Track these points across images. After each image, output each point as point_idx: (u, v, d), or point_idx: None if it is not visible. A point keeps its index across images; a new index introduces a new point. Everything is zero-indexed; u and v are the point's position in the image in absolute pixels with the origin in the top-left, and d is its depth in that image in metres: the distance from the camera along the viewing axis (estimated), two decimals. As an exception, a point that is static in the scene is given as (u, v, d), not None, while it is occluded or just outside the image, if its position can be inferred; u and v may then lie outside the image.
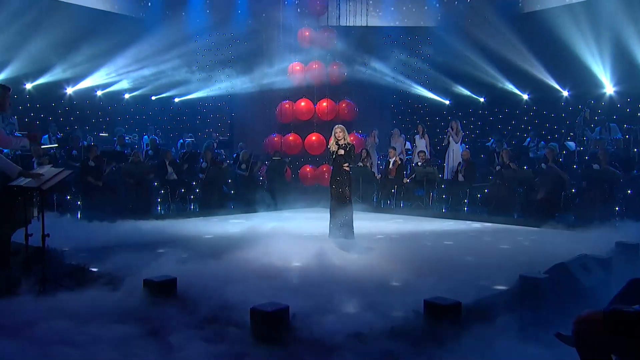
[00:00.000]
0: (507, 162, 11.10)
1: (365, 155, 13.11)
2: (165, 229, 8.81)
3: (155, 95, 16.42)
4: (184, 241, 7.68)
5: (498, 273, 5.74)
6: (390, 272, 5.80)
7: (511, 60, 14.60)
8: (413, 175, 12.25)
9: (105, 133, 15.23)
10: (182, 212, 11.17)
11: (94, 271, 5.56)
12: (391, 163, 12.45)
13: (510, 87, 15.42)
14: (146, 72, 15.36)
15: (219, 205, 11.82)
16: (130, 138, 14.76)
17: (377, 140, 14.36)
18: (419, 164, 12.30)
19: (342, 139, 7.86)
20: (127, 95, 16.08)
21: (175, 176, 11.78)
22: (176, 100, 16.93)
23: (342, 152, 7.78)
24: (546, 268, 4.85)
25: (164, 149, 13.49)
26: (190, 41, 15.47)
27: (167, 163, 11.85)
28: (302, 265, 5.97)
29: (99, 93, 15.55)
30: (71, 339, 3.79)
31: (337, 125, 8.02)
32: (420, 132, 13.53)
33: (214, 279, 5.20)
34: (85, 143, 12.82)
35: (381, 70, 15.50)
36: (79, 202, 10.62)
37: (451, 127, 12.87)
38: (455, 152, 12.65)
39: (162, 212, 11.26)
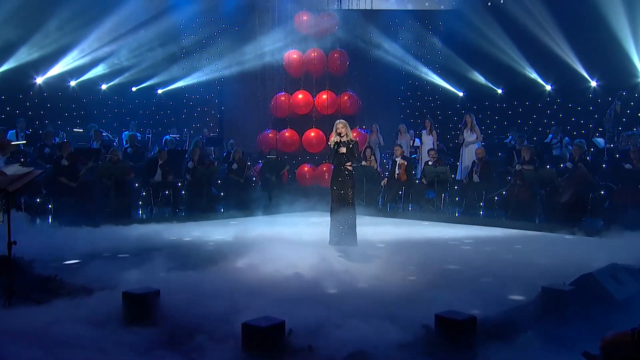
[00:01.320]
0: (528, 161, 11.08)
1: (369, 153, 13.11)
2: (147, 235, 8.78)
3: (136, 86, 16.40)
4: (168, 249, 7.67)
5: (518, 284, 5.72)
6: (397, 283, 5.78)
7: (534, 43, 14.41)
8: (422, 177, 12.23)
9: (80, 128, 15.19)
10: (166, 216, 11.15)
11: (66, 283, 5.53)
12: (397, 164, 12.43)
13: (533, 75, 15.36)
14: (124, 58, 15.33)
15: (208, 208, 11.81)
16: (108, 134, 14.74)
17: (379, 136, 14.34)
18: (429, 163, 12.29)
19: (345, 135, 7.83)
20: (104, 86, 16.06)
21: (160, 177, 11.76)
22: (159, 91, 16.91)
23: (344, 149, 7.76)
24: (572, 279, 4.83)
25: (160, 147, 13.46)
26: (174, 26, 15.46)
27: (158, 164, 11.81)
28: (300, 276, 5.95)
29: (73, 83, 15.52)
30: None
31: (338, 120, 8.01)
32: (428, 128, 13.52)
33: (201, 290, 5.19)
34: (58, 140, 12.80)
35: (387, 59, 15.49)
36: (50, 205, 10.60)
37: (465, 122, 12.86)
38: (470, 149, 12.63)
39: (144, 216, 11.24)
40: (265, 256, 6.78)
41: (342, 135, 7.82)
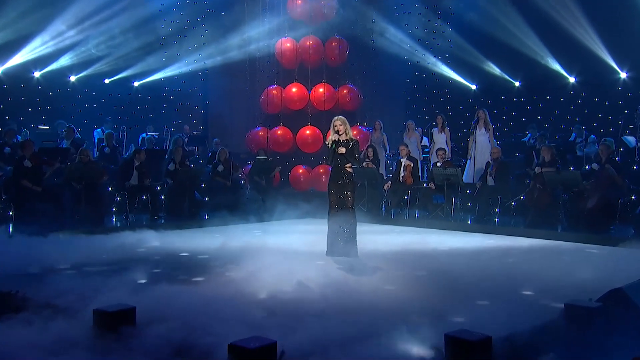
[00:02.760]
0: (549, 162, 11.09)
1: (371, 153, 13.11)
2: (123, 246, 8.77)
3: (109, 78, 16.38)
4: (145, 261, 7.63)
5: (538, 300, 5.72)
6: (402, 299, 5.77)
7: (556, 30, 14.40)
8: (430, 181, 12.24)
9: (45, 125, 15.16)
10: (144, 224, 11.12)
11: (29, 299, 5.49)
12: (403, 166, 12.44)
13: (554, 66, 15.39)
14: (95, 46, 15.29)
15: (190, 215, 11.79)
16: (78, 131, 14.71)
17: (383, 134, 14.37)
18: (438, 164, 12.30)
19: (344, 134, 7.84)
20: (72, 78, 16.04)
21: (136, 181, 11.74)
22: (135, 84, 16.90)
23: (343, 149, 7.77)
24: (598, 295, 4.82)
25: (136, 147, 13.44)
26: (152, 11, 15.47)
27: (134, 165, 11.78)
28: (294, 290, 5.93)
29: (37, 74, 15.49)
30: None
31: (337, 117, 8.03)
32: (440, 125, 13.55)
33: (183, 307, 5.17)
34: (20, 138, 12.76)
35: (392, 48, 15.54)
36: (10, 212, 10.55)
37: (477, 118, 12.88)
38: (484, 149, 12.66)
39: (119, 224, 11.22)
40: (255, 268, 6.76)
41: (340, 133, 7.83)
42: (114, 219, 11.57)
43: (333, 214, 7.92)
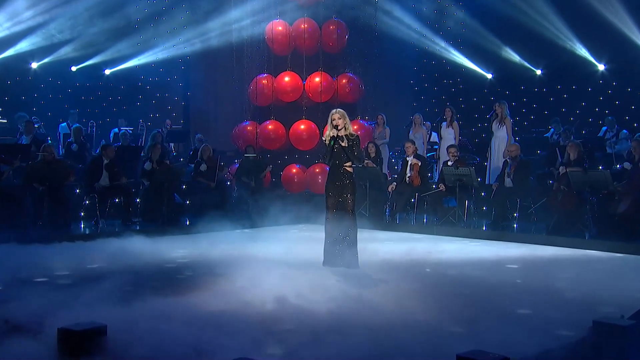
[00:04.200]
0: (575, 161, 11.09)
1: (373, 151, 13.10)
2: (92, 255, 8.72)
3: (76, 65, 16.33)
4: (117, 271, 7.58)
5: (562, 317, 5.71)
6: (409, 315, 5.74)
7: (583, 12, 14.37)
8: (440, 181, 12.22)
9: (3, 119, 15.11)
10: (116, 230, 11.09)
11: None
12: (409, 165, 12.42)
13: (581, 52, 15.39)
14: (58, 28, 15.22)
15: (169, 220, 11.77)
16: (40, 126, 14.65)
17: (386, 129, 14.35)
18: (449, 163, 12.29)
19: (343, 129, 7.82)
20: (34, 64, 15.98)
21: (107, 181, 11.71)
22: (106, 72, 16.86)
23: (342, 146, 7.72)
24: (631, 311, 4.81)
25: (103, 143, 13.40)
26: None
27: (103, 164, 11.75)
28: (286, 307, 5.91)
29: (-8, 61, 15.47)
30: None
31: (335, 110, 8.00)
32: (448, 119, 13.52)
33: (159, 326, 5.14)
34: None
35: (397, 32, 15.54)
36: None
37: (495, 112, 12.86)
38: (500, 146, 12.65)
39: (87, 230, 11.18)
40: (242, 281, 6.73)
41: (339, 128, 7.80)
42: (82, 225, 11.52)
43: (331, 219, 7.89)
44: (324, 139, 8.07)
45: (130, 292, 6.48)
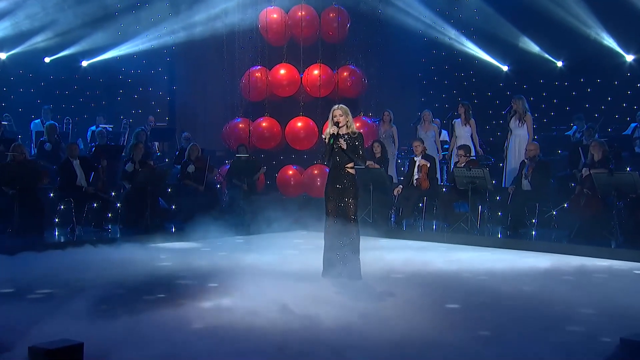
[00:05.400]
0: (600, 161, 11.08)
1: (379, 150, 13.09)
2: (67, 265, 8.70)
3: (50, 56, 16.30)
4: (95, 284, 7.59)
5: (586, 334, 5.71)
6: (418, 333, 5.74)
7: None
8: (451, 184, 12.23)
9: None
10: (94, 238, 11.06)
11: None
12: (417, 166, 12.41)
13: (607, 42, 15.36)
14: (26, 15, 15.19)
15: (153, 227, 11.75)
16: (10, 123, 14.63)
17: (392, 127, 14.34)
18: (461, 164, 12.29)
19: (345, 126, 7.81)
20: (2, 55, 15.95)
21: (84, 183, 11.70)
22: (83, 64, 16.85)
23: (343, 145, 7.73)
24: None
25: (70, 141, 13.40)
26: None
27: (73, 163, 11.75)
28: (281, 322, 5.91)
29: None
30: None
31: (337, 105, 7.99)
32: (463, 116, 13.52)
33: (142, 343, 5.14)
34: None
35: (404, 20, 15.53)
36: None
37: (511, 108, 12.84)
38: (521, 145, 12.65)
39: (62, 238, 11.16)
40: (233, 295, 6.74)
41: (340, 125, 7.80)
42: (56, 233, 11.50)
43: (331, 225, 7.88)
44: (323, 136, 8.07)
45: (109, 306, 6.47)
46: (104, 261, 9.16)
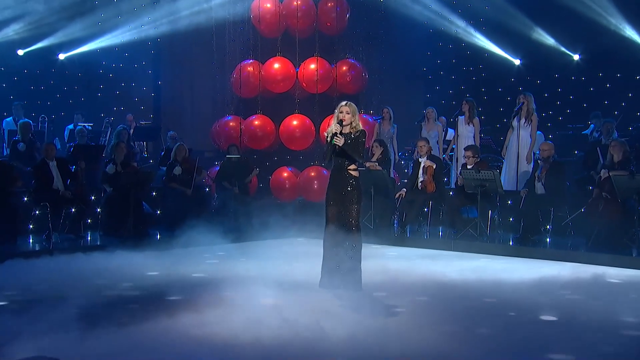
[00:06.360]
0: (619, 163, 11.08)
1: (379, 151, 13.07)
2: (42, 276, 8.68)
3: (24, 48, 16.27)
4: (73, 294, 7.53)
5: (613, 352, 5.72)
6: (421, 348, 5.73)
7: None
8: (459, 187, 12.22)
9: None
10: (71, 246, 11.04)
11: None
12: (422, 167, 12.39)
13: (628, 33, 15.34)
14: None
15: (136, 233, 11.73)
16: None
17: (394, 126, 14.32)
18: (468, 166, 12.28)
19: (349, 125, 7.76)
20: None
21: (61, 186, 11.68)
22: (61, 57, 16.82)
23: (340, 141, 7.61)
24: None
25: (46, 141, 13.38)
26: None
27: (49, 165, 11.72)
28: (278, 335, 5.89)
29: None
30: None
31: (345, 102, 7.90)
32: (467, 114, 13.51)
33: (124, 358, 5.11)
34: None
35: (407, 11, 15.53)
36: None
37: (522, 104, 12.82)
38: (523, 148, 12.65)
39: (37, 246, 11.14)
40: (221, 308, 6.71)
41: (345, 124, 7.72)
42: (30, 240, 11.48)
43: (330, 232, 7.86)
44: (326, 134, 7.99)
45: (88, 320, 6.42)
46: (82, 271, 9.14)
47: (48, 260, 9.81)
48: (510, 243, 11.59)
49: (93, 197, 12.31)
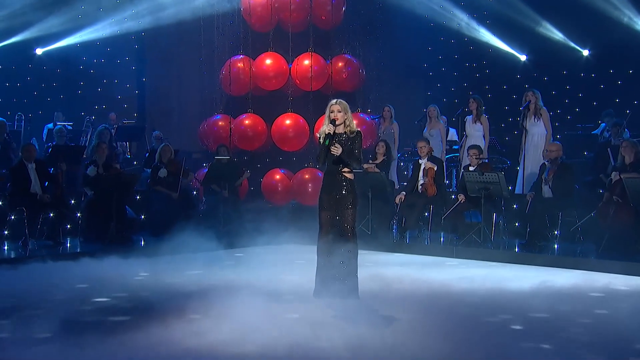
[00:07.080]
0: (631, 164, 11.10)
1: (382, 152, 13.07)
2: (18, 284, 8.69)
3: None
4: (51, 306, 7.54)
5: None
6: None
7: None
8: (462, 192, 12.23)
9: None
10: (50, 252, 11.03)
11: None
12: (422, 169, 12.40)
13: (640, 25, 15.43)
14: None
15: (119, 240, 11.73)
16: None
17: (394, 125, 14.34)
18: (471, 167, 12.30)
19: (342, 125, 7.78)
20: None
21: (39, 189, 11.66)
22: (38, 51, 16.80)
23: (337, 151, 7.61)
24: None
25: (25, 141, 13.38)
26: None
27: (27, 167, 11.70)
28: (272, 347, 5.89)
29: None
30: None
31: (335, 100, 7.92)
32: (474, 112, 13.53)
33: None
34: None
35: (407, 3, 15.55)
36: None
37: (528, 102, 12.84)
38: (538, 145, 12.67)
39: (13, 253, 11.14)
40: (209, 319, 6.71)
41: (338, 123, 7.74)
42: (5, 247, 11.48)
43: (325, 238, 7.87)
44: (318, 135, 8.02)
45: (66, 331, 6.41)
46: (61, 279, 9.12)
47: (24, 268, 9.79)
48: (516, 249, 11.61)
49: (73, 201, 12.29)
